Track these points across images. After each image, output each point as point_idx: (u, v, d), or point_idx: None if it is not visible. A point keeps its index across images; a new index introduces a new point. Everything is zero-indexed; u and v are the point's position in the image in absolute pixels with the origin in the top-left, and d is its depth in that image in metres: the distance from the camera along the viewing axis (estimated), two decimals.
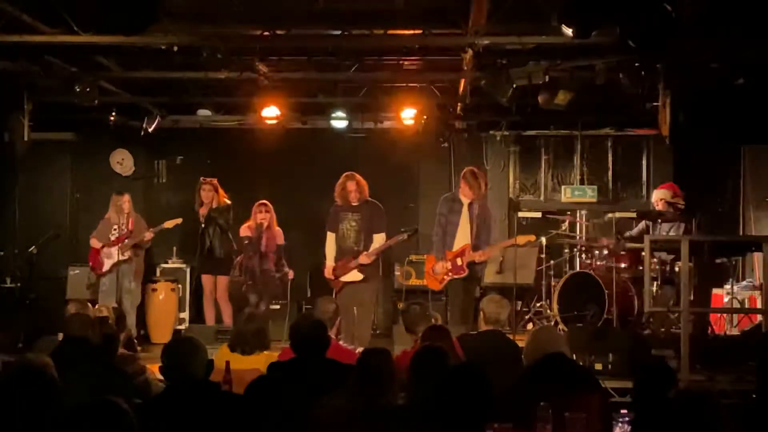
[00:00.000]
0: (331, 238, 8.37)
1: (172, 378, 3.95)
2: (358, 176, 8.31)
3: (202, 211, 9.24)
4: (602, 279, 8.18)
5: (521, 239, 8.47)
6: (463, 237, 8.21)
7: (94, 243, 9.16)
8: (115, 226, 9.11)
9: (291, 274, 9.03)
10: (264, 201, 8.82)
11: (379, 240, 8.22)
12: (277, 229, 8.87)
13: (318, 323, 4.96)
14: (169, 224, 9.19)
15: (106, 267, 9.04)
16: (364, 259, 8.16)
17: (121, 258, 8.99)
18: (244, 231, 8.85)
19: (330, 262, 8.33)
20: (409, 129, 10.42)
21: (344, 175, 8.34)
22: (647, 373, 4.10)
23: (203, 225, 9.24)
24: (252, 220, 8.78)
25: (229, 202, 9.31)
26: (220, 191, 9.30)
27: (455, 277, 8.16)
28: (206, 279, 9.42)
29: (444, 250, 8.22)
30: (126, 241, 8.98)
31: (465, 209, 8.23)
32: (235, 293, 9.05)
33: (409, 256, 10.11)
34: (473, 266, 8.16)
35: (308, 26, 7.64)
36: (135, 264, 9.14)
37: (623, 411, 3.68)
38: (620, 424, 3.63)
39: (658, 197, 8.60)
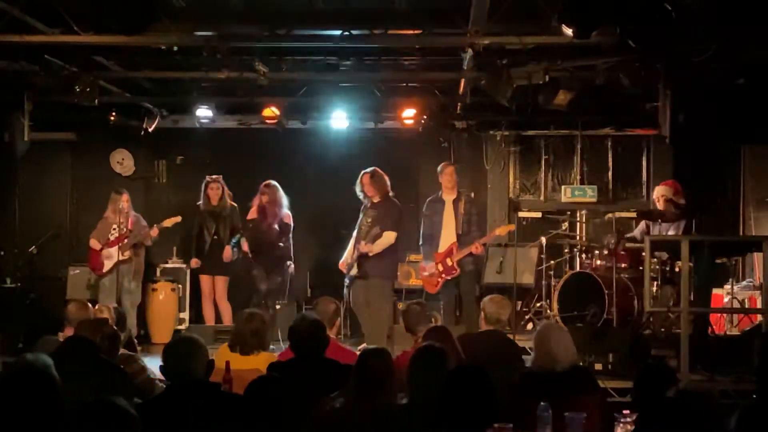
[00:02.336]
0: (354, 234, 8.37)
1: (172, 378, 3.94)
2: (378, 171, 8.19)
3: (207, 209, 9.24)
4: (602, 279, 8.17)
5: (502, 230, 8.48)
6: (448, 236, 8.24)
7: (94, 244, 9.16)
8: (115, 226, 9.11)
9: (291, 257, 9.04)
10: (268, 182, 8.86)
11: (387, 237, 8.08)
12: (286, 212, 8.86)
13: (316, 323, 4.96)
14: (168, 223, 9.20)
15: (106, 267, 9.05)
16: (363, 247, 8.05)
17: (121, 258, 8.99)
18: (251, 214, 8.90)
19: (346, 254, 8.31)
20: (409, 129, 10.43)
21: (366, 169, 8.32)
22: (647, 373, 4.10)
23: (203, 223, 9.25)
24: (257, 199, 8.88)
25: (234, 204, 9.31)
26: (226, 190, 9.30)
27: (448, 278, 8.17)
28: (204, 279, 9.42)
29: (432, 252, 8.22)
30: (126, 240, 8.98)
31: (448, 207, 8.25)
32: (241, 276, 9.06)
33: (408, 256, 10.11)
34: (464, 262, 8.15)
35: (308, 26, 7.64)
36: (135, 263, 9.14)
37: (625, 411, 3.67)
38: (622, 424, 3.63)
39: (660, 193, 8.59)
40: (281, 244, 8.78)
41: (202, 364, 3.95)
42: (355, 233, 8.36)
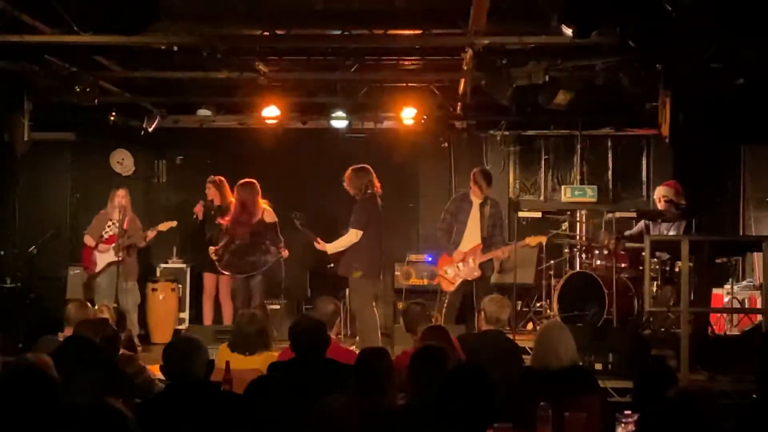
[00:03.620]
0: None
1: (172, 378, 3.94)
2: (355, 169, 8.10)
3: (206, 208, 9.23)
4: (602, 279, 8.17)
5: (532, 240, 8.48)
6: (472, 237, 8.22)
7: (88, 240, 9.12)
8: (110, 223, 9.10)
9: (285, 253, 8.84)
10: (242, 181, 8.73)
11: (348, 235, 8.00)
12: (265, 209, 8.68)
13: (317, 323, 4.96)
14: (163, 227, 9.14)
15: (99, 267, 9.01)
16: (318, 245, 8.16)
17: (115, 258, 8.96)
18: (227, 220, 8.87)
19: None
20: (409, 129, 10.43)
21: None
22: (647, 373, 4.11)
23: (201, 220, 9.22)
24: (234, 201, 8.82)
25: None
26: (226, 190, 9.25)
27: (468, 279, 8.16)
28: (208, 277, 9.41)
29: (453, 248, 8.20)
30: (119, 241, 8.94)
31: (475, 209, 8.25)
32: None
33: (409, 256, 10.11)
34: (486, 266, 8.17)
35: (308, 26, 7.64)
36: (127, 263, 9.08)
37: (627, 411, 3.66)
38: (623, 424, 3.62)
39: (661, 194, 8.59)
40: (265, 243, 8.63)
41: (202, 364, 3.95)
42: None
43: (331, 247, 8.08)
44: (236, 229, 8.60)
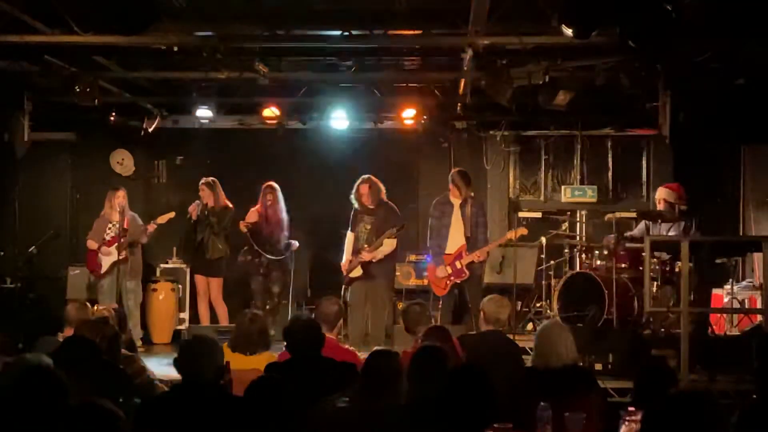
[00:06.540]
0: (349, 237, 8.54)
1: (182, 374, 3.95)
2: (373, 179, 8.41)
3: (201, 210, 9.21)
4: (602, 279, 8.17)
5: (513, 234, 8.50)
6: (456, 238, 8.25)
7: (91, 244, 9.14)
8: (110, 225, 9.10)
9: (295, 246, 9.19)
10: (270, 183, 8.94)
11: (389, 244, 8.30)
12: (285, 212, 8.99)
13: (310, 323, 4.95)
14: (161, 219, 9.16)
15: (104, 268, 9.02)
16: (364, 255, 8.26)
17: (118, 258, 8.96)
18: (251, 218, 8.94)
19: (347, 256, 8.49)
20: (409, 129, 10.43)
21: (360, 178, 8.45)
22: (647, 373, 4.11)
23: (193, 220, 9.22)
24: (259, 203, 8.94)
25: (230, 205, 9.27)
26: (220, 192, 9.23)
27: (458, 281, 8.20)
28: (199, 279, 9.41)
29: (441, 255, 8.25)
30: (122, 240, 8.95)
31: (456, 210, 8.28)
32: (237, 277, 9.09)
33: (409, 256, 10.10)
34: (472, 266, 8.19)
35: (308, 26, 7.64)
36: (131, 262, 9.09)
37: (631, 408, 3.65)
38: (627, 422, 3.61)
39: (661, 196, 8.58)
40: (285, 242, 8.84)
41: (213, 367, 3.95)
42: (350, 235, 8.52)
43: (379, 255, 8.32)
44: (270, 227, 8.87)
